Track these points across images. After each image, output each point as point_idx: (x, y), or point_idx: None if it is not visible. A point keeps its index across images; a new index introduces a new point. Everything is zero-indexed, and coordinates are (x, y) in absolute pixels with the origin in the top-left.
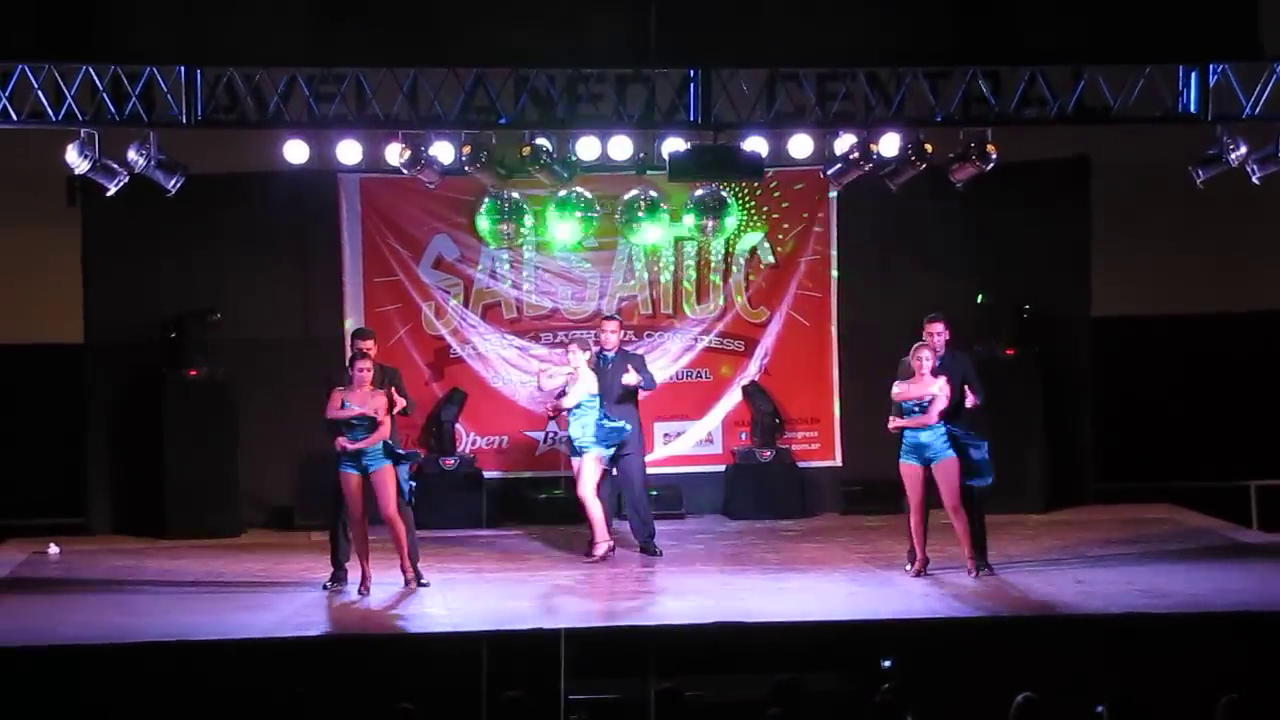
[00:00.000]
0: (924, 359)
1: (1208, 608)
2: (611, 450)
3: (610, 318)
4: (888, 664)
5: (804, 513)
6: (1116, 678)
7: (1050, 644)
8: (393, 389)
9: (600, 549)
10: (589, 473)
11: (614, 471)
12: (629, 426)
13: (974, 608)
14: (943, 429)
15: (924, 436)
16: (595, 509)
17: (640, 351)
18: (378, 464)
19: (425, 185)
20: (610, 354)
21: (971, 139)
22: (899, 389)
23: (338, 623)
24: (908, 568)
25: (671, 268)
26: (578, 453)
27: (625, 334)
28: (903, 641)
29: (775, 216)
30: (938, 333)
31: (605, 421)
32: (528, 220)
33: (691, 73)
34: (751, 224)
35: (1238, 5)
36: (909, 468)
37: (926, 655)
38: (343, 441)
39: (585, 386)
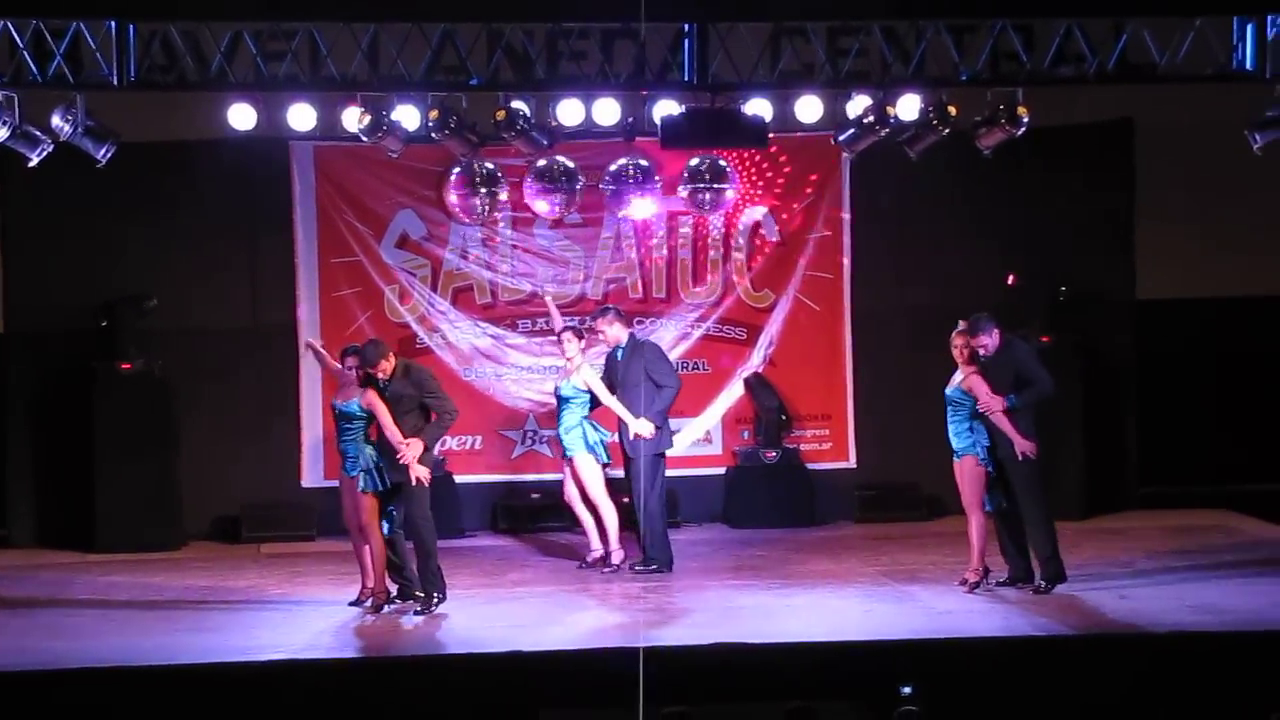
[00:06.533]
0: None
1: (1267, 625)
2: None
3: (605, 312)
4: (908, 690)
5: (814, 520)
6: (1164, 704)
7: (1090, 666)
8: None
9: (615, 557)
10: (587, 476)
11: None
12: (605, 440)
13: (1004, 627)
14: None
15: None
16: (584, 516)
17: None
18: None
19: (387, 154)
20: (622, 349)
21: (1001, 100)
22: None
23: (291, 646)
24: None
25: (664, 246)
26: (567, 457)
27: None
28: (925, 665)
29: (780, 188)
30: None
31: (590, 429)
32: (503, 193)
33: (686, 27)
34: (754, 197)
35: None
36: None
37: (952, 680)
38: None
39: (578, 380)
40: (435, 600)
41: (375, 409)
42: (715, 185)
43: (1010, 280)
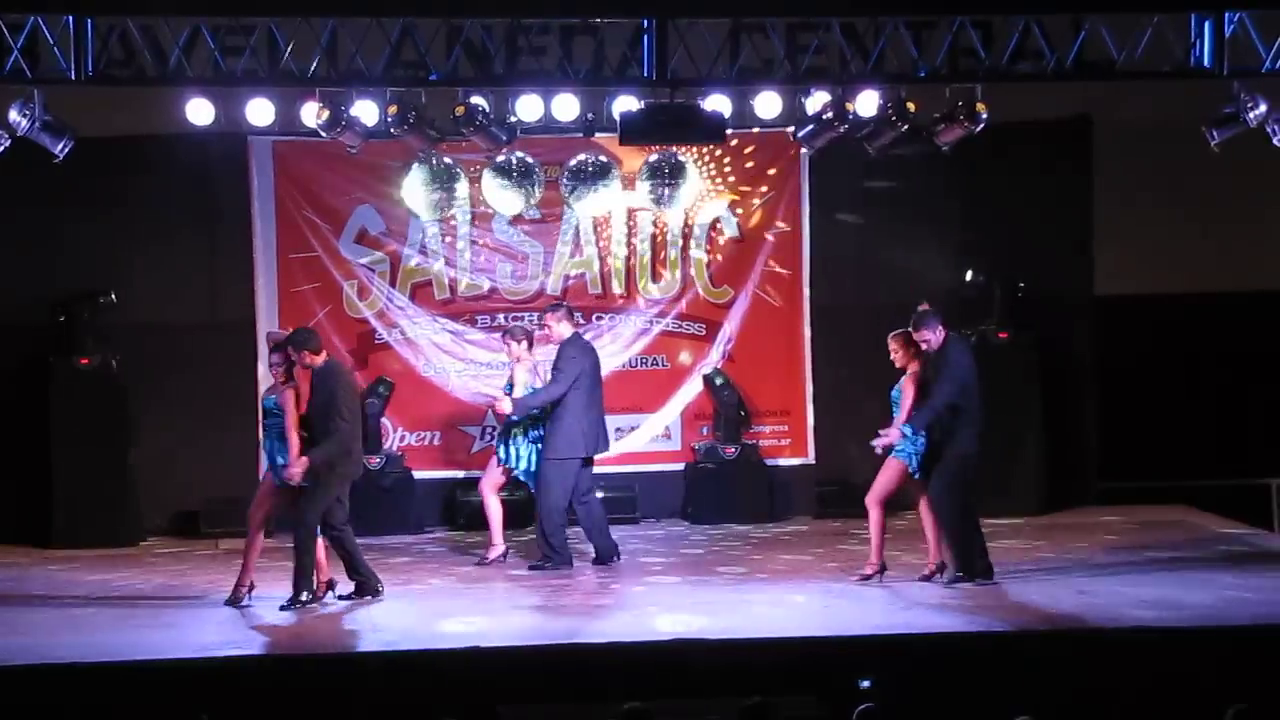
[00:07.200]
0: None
1: (1224, 621)
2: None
3: (556, 308)
4: (866, 684)
5: (772, 516)
6: (1122, 699)
7: (1048, 661)
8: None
9: (492, 554)
10: (487, 471)
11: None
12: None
13: (963, 622)
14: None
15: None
16: (492, 509)
17: (590, 337)
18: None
19: (346, 150)
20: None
21: (959, 97)
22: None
23: (249, 642)
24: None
25: (624, 242)
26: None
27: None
28: (884, 660)
29: (740, 184)
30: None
31: (521, 435)
32: (461, 189)
33: (645, 23)
34: (713, 192)
35: None
36: None
37: (910, 675)
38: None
39: (524, 380)
40: (304, 598)
41: (285, 407)
42: (674, 181)
43: (969, 276)
